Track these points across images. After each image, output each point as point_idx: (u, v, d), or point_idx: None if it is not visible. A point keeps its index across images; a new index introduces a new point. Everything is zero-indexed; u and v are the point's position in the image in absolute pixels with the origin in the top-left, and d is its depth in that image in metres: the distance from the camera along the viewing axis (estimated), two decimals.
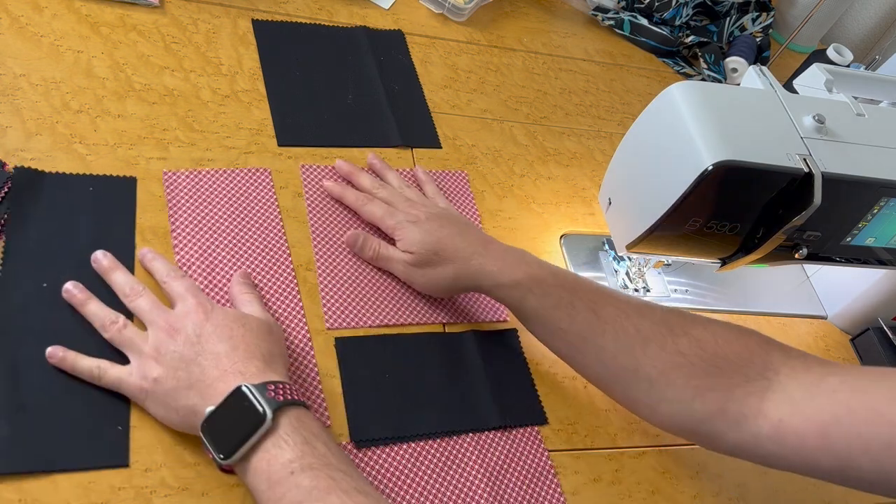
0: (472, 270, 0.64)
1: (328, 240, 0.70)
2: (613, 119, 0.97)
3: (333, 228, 0.71)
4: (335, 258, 0.69)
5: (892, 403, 0.49)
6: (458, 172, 0.81)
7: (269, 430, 0.49)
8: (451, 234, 0.66)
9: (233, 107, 0.75)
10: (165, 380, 0.52)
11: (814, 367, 0.56)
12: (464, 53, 0.94)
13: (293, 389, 0.52)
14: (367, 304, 0.67)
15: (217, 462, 0.50)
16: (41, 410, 0.52)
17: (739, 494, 0.70)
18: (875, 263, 0.71)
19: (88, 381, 0.54)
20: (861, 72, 0.75)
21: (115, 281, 0.58)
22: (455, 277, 0.65)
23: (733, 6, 1.14)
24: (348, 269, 0.68)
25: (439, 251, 0.65)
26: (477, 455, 0.62)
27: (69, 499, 0.50)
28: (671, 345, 0.58)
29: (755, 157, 0.57)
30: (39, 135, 0.65)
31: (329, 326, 0.64)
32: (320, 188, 0.73)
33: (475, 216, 0.79)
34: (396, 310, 0.68)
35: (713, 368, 0.57)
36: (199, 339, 0.53)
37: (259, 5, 0.85)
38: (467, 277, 0.64)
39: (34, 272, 0.58)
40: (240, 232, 0.67)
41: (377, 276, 0.69)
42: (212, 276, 0.63)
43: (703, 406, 0.57)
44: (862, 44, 1.29)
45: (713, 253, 0.66)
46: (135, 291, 0.57)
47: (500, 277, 0.63)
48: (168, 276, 0.59)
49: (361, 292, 0.68)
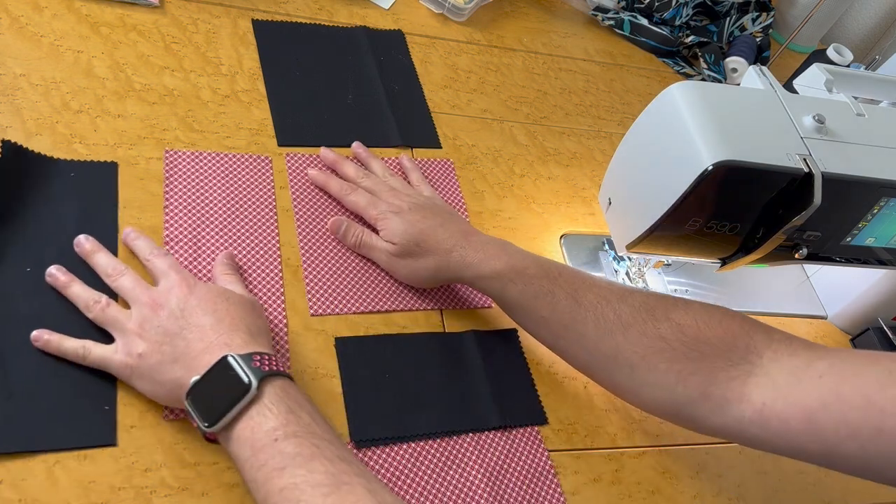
0: (453, 262, 0.65)
1: (312, 227, 0.70)
2: (613, 119, 0.97)
3: (317, 216, 0.71)
4: (319, 246, 0.69)
5: (883, 389, 0.48)
6: (444, 161, 0.81)
7: (254, 399, 0.49)
8: (433, 225, 0.66)
9: (233, 107, 0.75)
10: (150, 354, 0.52)
11: (799, 350, 0.55)
12: (464, 53, 0.94)
13: (278, 361, 0.52)
14: (351, 291, 0.68)
15: (201, 430, 0.50)
16: (29, 394, 0.53)
17: (739, 494, 0.70)
18: (875, 263, 0.71)
19: (74, 361, 0.54)
20: (861, 72, 0.75)
21: (98, 262, 0.58)
22: (437, 269, 0.66)
23: (733, 6, 1.14)
24: (332, 257, 0.69)
25: (420, 242, 0.66)
26: (477, 455, 0.62)
27: (69, 499, 0.50)
28: (652, 329, 0.58)
29: (755, 157, 0.57)
30: (39, 135, 0.65)
31: (313, 313, 0.65)
32: (305, 177, 0.73)
33: (460, 204, 0.79)
34: (380, 296, 0.68)
35: (695, 353, 0.57)
36: (183, 313, 0.53)
37: (259, 5, 0.85)
38: (448, 269, 0.65)
39: (17, 258, 0.58)
40: (232, 215, 0.68)
41: (361, 262, 0.70)
42: (198, 255, 0.64)
43: (685, 390, 0.57)
44: (862, 44, 1.29)
45: (713, 253, 0.66)
46: (117, 271, 0.57)
47: (481, 268, 0.64)
48: (150, 254, 0.59)
49: (345, 279, 0.68)
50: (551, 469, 0.64)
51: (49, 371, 0.54)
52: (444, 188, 0.79)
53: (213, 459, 0.55)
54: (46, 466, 0.51)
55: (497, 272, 0.63)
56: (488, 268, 0.63)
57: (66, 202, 0.62)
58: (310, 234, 0.70)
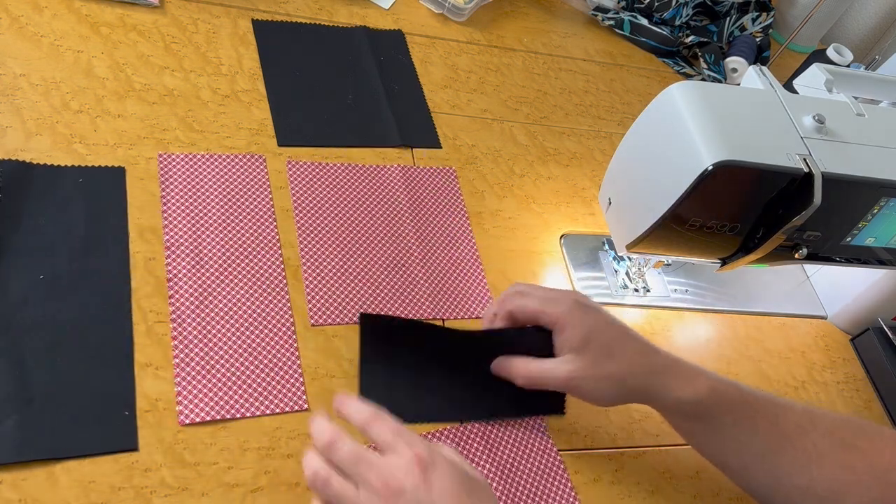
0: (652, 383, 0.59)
1: (314, 236, 0.70)
2: (613, 119, 0.97)
3: (319, 224, 0.71)
4: (321, 254, 0.69)
5: None
6: (447, 169, 0.81)
7: None
8: None
9: (233, 107, 0.75)
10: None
11: None
12: (464, 53, 0.94)
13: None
14: (353, 300, 0.67)
15: None
16: (48, 400, 0.53)
17: (739, 494, 0.70)
18: (875, 263, 0.71)
19: None
20: (861, 72, 0.75)
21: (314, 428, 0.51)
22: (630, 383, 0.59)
23: (733, 6, 1.14)
24: (334, 266, 0.69)
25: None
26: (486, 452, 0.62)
27: (69, 498, 0.50)
28: (844, 460, 0.56)
29: (755, 157, 0.57)
30: (39, 135, 0.65)
31: (314, 323, 0.65)
32: (306, 184, 0.73)
33: (461, 208, 0.79)
34: (382, 305, 0.68)
35: (885, 485, 0.54)
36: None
37: (259, 5, 0.85)
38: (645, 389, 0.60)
39: (31, 266, 0.58)
40: (231, 215, 0.68)
41: (362, 271, 0.70)
42: (199, 255, 0.64)
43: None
44: (862, 44, 1.29)
45: (713, 253, 0.66)
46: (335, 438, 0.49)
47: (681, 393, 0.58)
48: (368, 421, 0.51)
49: (347, 288, 0.68)
50: (561, 464, 0.64)
51: (68, 377, 0.54)
52: (445, 195, 0.79)
53: (213, 459, 0.55)
54: (46, 466, 0.51)
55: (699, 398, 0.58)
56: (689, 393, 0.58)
57: (75, 208, 0.62)
58: (311, 241, 0.69)
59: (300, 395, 0.60)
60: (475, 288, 0.73)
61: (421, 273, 0.71)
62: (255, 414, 0.58)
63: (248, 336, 0.62)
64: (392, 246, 0.72)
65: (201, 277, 0.63)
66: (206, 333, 0.60)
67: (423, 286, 0.71)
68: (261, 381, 0.60)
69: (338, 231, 0.71)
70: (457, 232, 0.76)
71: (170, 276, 0.62)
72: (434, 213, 0.77)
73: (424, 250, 0.73)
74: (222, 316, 0.62)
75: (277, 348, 0.62)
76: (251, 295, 0.64)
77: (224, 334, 0.61)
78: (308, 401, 0.60)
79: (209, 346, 0.60)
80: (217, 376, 0.59)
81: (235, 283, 0.64)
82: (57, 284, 0.58)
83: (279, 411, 0.59)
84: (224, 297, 0.63)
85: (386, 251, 0.72)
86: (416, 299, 0.70)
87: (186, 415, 0.56)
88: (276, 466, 0.57)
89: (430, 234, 0.75)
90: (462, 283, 0.73)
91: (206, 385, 0.58)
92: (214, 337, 0.61)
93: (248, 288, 0.64)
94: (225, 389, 0.58)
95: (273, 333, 0.63)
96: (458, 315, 0.70)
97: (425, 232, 0.75)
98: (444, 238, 0.75)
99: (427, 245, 0.74)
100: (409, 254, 0.72)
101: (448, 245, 0.75)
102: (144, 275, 0.61)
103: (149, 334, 0.59)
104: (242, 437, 0.57)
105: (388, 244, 0.72)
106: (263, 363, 0.61)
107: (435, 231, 0.75)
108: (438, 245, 0.74)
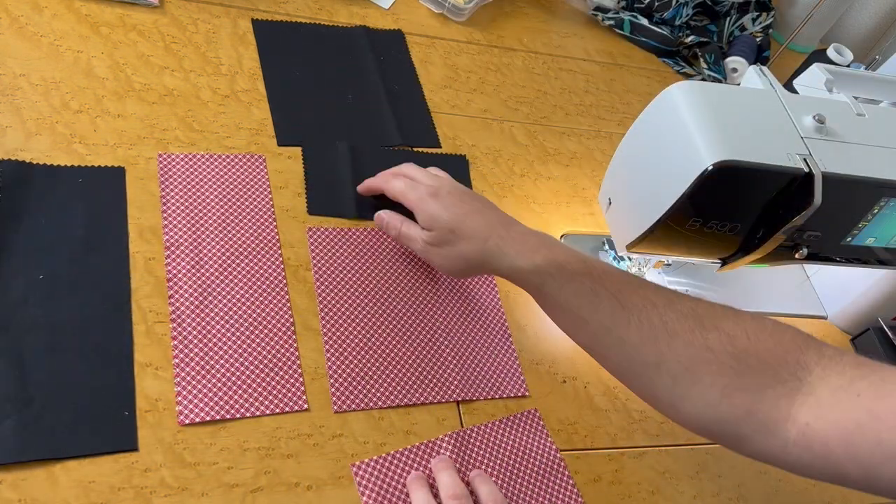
0: (488, 251, 0.62)
1: (336, 311, 0.66)
2: (613, 119, 0.97)
3: (342, 299, 0.67)
4: (343, 330, 0.65)
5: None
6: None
7: None
8: (468, 210, 0.64)
9: (233, 107, 0.75)
10: None
11: (847, 368, 0.51)
12: (464, 53, 0.94)
13: None
14: (375, 382, 0.64)
15: None
16: (48, 401, 0.53)
17: (739, 494, 0.70)
18: (875, 263, 0.71)
19: None
20: (861, 72, 0.75)
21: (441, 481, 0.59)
22: (471, 257, 0.63)
23: (733, 6, 1.14)
24: (356, 344, 0.65)
25: (455, 228, 0.63)
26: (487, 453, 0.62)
27: (68, 498, 0.50)
28: (699, 339, 0.54)
29: (755, 157, 0.57)
30: (39, 135, 0.65)
31: (337, 409, 0.61)
32: (328, 256, 0.69)
33: (493, 288, 0.75)
34: (405, 388, 0.64)
35: (743, 366, 0.52)
36: None
37: (259, 5, 0.85)
38: (483, 258, 0.62)
39: (30, 266, 0.58)
40: (230, 215, 0.68)
41: (386, 353, 0.66)
42: (199, 255, 0.64)
43: (729, 407, 0.53)
44: (862, 44, 1.29)
45: (713, 253, 0.66)
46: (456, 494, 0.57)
47: (519, 261, 0.60)
48: (451, 491, 0.58)
49: (369, 370, 0.64)
50: (562, 461, 0.64)
51: (68, 377, 0.54)
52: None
53: (212, 460, 0.55)
54: (46, 466, 0.51)
55: (536, 266, 0.59)
56: (527, 260, 0.60)
57: (75, 208, 0.62)
58: (333, 317, 0.66)
59: (300, 395, 0.60)
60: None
61: (448, 352, 0.68)
62: (255, 414, 0.58)
63: (248, 336, 0.62)
64: (415, 319, 0.69)
65: (201, 277, 0.63)
66: (206, 333, 0.61)
67: (451, 365, 0.67)
68: (260, 382, 0.60)
69: (358, 299, 0.68)
70: (485, 304, 0.73)
71: (169, 276, 0.62)
72: None
73: (451, 326, 0.70)
74: (222, 316, 0.62)
75: (277, 348, 0.62)
76: (251, 295, 0.64)
77: (224, 334, 0.61)
78: (308, 401, 0.60)
79: (209, 346, 0.60)
80: (217, 376, 0.59)
81: (235, 283, 0.64)
82: (56, 284, 0.58)
83: (279, 411, 0.59)
84: (224, 297, 0.63)
85: (408, 322, 0.69)
86: (445, 382, 0.66)
87: (186, 415, 0.56)
88: (276, 466, 0.57)
89: (457, 310, 0.71)
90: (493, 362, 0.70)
91: (205, 385, 0.58)
92: (214, 337, 0.61)
93: (248, 288, 0.64)
94: (225, 389, 0.58)
95: (273, 333, 0.63)
96: (475, 396, 0.67)
97: (449, 303, 0.71)
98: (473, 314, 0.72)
99: (454, 320, 0.70)
100: (436, 331, 0.69)
101: (477, 321, 0.71)
102: (144, 275, 0.61)
103: (148, 334, 0.59)
104: (242, 437, 0.57)
105: (411, 315, 0.69)
106: (263, 363, 0.61)
107: (462, 303, 0.72)
108: (466, 323, 0.71)
